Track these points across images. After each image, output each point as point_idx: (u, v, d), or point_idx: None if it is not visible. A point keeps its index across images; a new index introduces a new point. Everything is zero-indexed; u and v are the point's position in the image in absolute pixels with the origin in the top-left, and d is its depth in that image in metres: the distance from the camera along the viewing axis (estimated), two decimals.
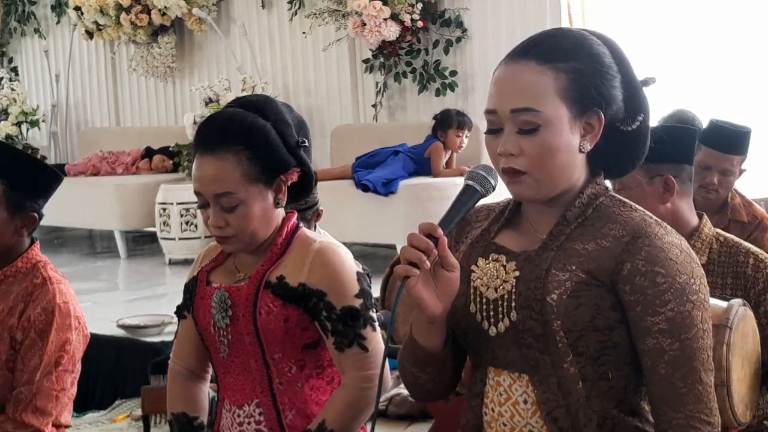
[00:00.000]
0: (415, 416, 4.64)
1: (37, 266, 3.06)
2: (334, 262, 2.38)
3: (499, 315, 1.80)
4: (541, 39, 1.80)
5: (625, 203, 1.84)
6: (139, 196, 8.59)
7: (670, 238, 1.77)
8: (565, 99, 1.75)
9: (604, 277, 1.75)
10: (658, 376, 1.74)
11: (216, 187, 2.33)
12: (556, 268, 1.76)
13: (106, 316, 6.21)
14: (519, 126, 1.75)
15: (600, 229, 1.79)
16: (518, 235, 1.87)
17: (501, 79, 1.79)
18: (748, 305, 2.51)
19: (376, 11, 7.55)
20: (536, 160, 1.75)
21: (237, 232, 2.36)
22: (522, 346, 1.78)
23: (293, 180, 2.41)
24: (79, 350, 3.09)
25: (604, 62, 1.79)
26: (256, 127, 2.36)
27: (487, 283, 1.83)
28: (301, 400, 2.40)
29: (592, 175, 1.84)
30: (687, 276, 1.74)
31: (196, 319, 2.48)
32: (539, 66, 1.75)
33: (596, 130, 1.79)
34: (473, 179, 1.81)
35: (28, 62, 11.06)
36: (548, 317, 1.74)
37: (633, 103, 1.83)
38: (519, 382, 1.81)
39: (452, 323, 1.87)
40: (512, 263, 1.82)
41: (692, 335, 1.73)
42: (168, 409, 2.59)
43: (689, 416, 1.72)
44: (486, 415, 1.85)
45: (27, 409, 2.92)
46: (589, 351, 1.75)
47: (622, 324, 1.76)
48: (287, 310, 2.36)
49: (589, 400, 1.76)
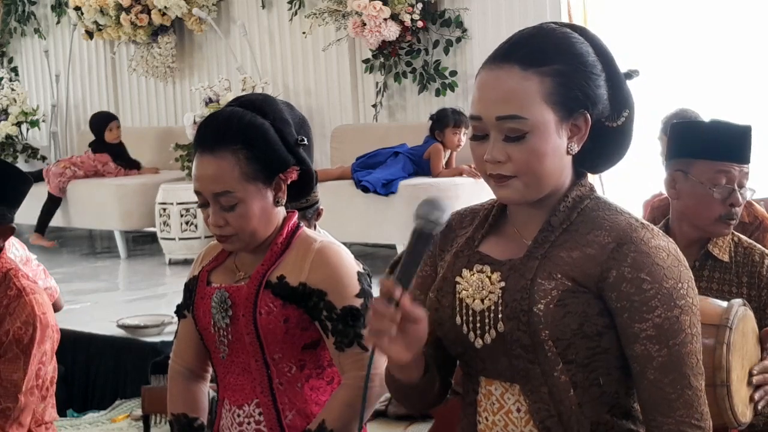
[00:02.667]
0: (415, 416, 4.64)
1: (8, 275, 3.03)
2: (335, 261, 2.38)
3: (486, 326, 1.78)
4: (523, 41, 1.77)
5: (611, 206, 1.81)
6: (139, 196, 8.59)
7: (657, 242, 1.74)
8: (550, 103, 1.73)
9: (591, 284, 1.73)
10: (648, 381, 1.73)
11: (215, 186, 2.33)
12: (541, 278, 1.74)
13: (106, 316, 6.21)
14: (505, 133, 1.73)
15: (585, 236, 1.76)
16: (503, 241, 1.85)
17: (485, 84, 1.76)
18: (749, 305, 2.52)
19: (376, 11, 7.55)
20: (524, 166, 1.73)
21: (237, 231, 2.36)
22: (511, 357, 1.77)
23: (293, 179, 2.40)
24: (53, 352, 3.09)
25: (588, 61, 1.76)
26: (255, 125, 2.35)
27: (472, 295, 1.81)
28: (301, 400, 2.39)
29: (577, 176, 1.82)
30: (674, 281, 1.72)
31: (195, 319, 2.48)
32: (523, 71, 1.72)
33: (583, 131, 1.77)
34: (422, 223, 1.71)
35: (28, 62, 11.06)
36: (536, 327, 1.72)
37: (618, 99, 1.81)
38: (511, 392, 1.80)
39: (440, 334, 1.86)
40: (497, 273, 1.79)
41: (680, 341, 1.72)
42: (168, 409, 2.59)
43: (679, 421, 1.71)
44: (480, 423, 1.84)
45: (13, 425, 2.95)
46: (579, 358, 1.74)
47: (611, 329, 1.74)
48: (287, 310, 2.35)
49: (581, 406, 1.75)
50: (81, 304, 6.74)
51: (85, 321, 6.22)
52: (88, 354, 5.96)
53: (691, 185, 2.76)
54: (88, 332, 6.02)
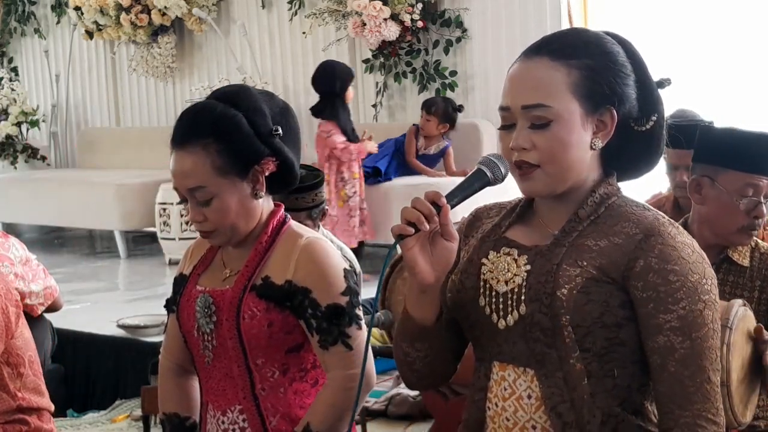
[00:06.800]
0: (415, 416, 4.64)
1: None
2: (321, 258, 2.34)
3: (509, 308, 1.80)
4: (556, 37, 1.83)
5: (638, 203, 1.85)
6: (139, 196, 8.58)
7: (683, 238, 1.78)
8: (577, 95, 1.76)
9: (616, 274, 1.75)
10: (668, 374, 1.74)
11: (188, 182, 2.31)
12: (567, 263, 1.77)
13: (106, 316, 6.21)
14: (531, 121, 1.77)
15: (612, 227, 1.79)
16: (529, 230, 1.87)
17: (514, 75, 1.80)
18: (749, 305, 2.51)
19: (376, 11, 7.55)
20: (547, 154, 1.76)
21: (216, 226, 2.34)
22: (529, 340, 1.78)
23: (271, 170, 2.35)
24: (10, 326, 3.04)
25: (618, 60, 1.80)
26: (226, 117, 2.31)
27: (497, 276, 1.83)
28: (284, 404, 2.37)
29: (606, 175, 1.85)
30: (699, 275, 1.75)
31: (180, 321, 2.45)
32: (552, 62, 1.77)
33: (609, 127, 1.80)
34: (484, 164, 1.81)
35: (28, 62, 11.05)
36: (557, 311, 1.74)
37: (647, 102, 1.83)
38: (524, 377, 1.81)
39: (460, 317, 1.87)
40: (524, 257, 1.82)
41: (703, 334, 1.74)
42: (160, 407, 2.56)
43: (696, 415, 1.73)
44: (489, 409, 1.85)
45: None
46: (596, 347, 1.75)
47: (630, 322, 1.76)
48: (271, 315, 2.32)
49: (593, 396, 1.76)
50: (81, 304, 6.74)
51: (85, 321, 6.21)
52: (88, 354, 5.96)
53: (717, 194, 2.72)
54: (88, 332, 6.03)
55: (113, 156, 9.74)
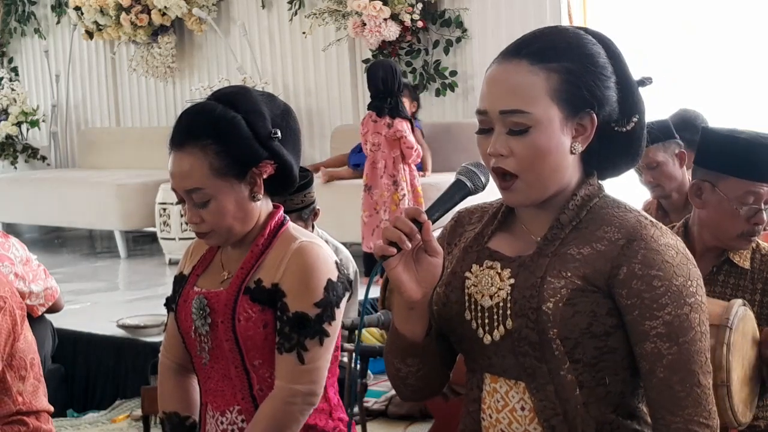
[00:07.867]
0: (415, 416, 4.64)
1: None
2: (307, 264, 2.31)
3: (495, 323, 1.78)
4: (534, 38, 1.77)
5: (620, 204, 1.81)
6: (139, 196, 8.59)
7: (666, 240, 1.74)
8: (556, 100, 1.72)
9: (601, 282, 1.73)
10: (657, 380, 1.72)
11: (186, 183, 2.31)
12: (551, 275, 1.74)
13: (106, 316, 6.21)
14: (509, 127, 1.73)
15: (595, 232, 1.76)
16: (512, 238, 1.84)
17: (492, 79, 1.76)
18: (749, 305, 2.52)
19: (376, 11, 7.55)
20: (526, 162, 1.73)
21: (213, 228, 2.32)
22: (518, 354, 1.76)
23: (269, 173, 2.33)
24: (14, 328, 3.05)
25: (598, 62, 1.75)
26: (225, 119, 2.30)
27: (481, 291, 1.81)
28: None
29: (586, 175, 1.81)
30: (684, 278, 1.72)
31: (178, 321, 2.45)
32: (531, 66, 1.72)
33: (588, 131, 1.76)
34: (463, 174, 1.79)
35: (28, 62, 11.05)
36: (544, 326, 1.72)
37: (628, 103, 1.79)
38: (516, 389, 1.79)
39: (447, 330, 1.85)
40: (507, 270, 1.79)
41: (690, 338, 1.72)
42: (159, 406, 2.55)
43: (688, 420, 1.71)
44: (484, 420, 1.83)
45: None
46: (586, 358, 1.73)
47: (619, 329, 1.74)
48: (266, 315, 2.31)
49: (586, 406, 1.75)
50: (81, 304, 6.74)
51: (85, 321, 6.21)
52: (88, 354, 5.96)
53: (718, 200, 2.71)
54: (88, 332, 6.02)
55: (113, 156, 9.75)
